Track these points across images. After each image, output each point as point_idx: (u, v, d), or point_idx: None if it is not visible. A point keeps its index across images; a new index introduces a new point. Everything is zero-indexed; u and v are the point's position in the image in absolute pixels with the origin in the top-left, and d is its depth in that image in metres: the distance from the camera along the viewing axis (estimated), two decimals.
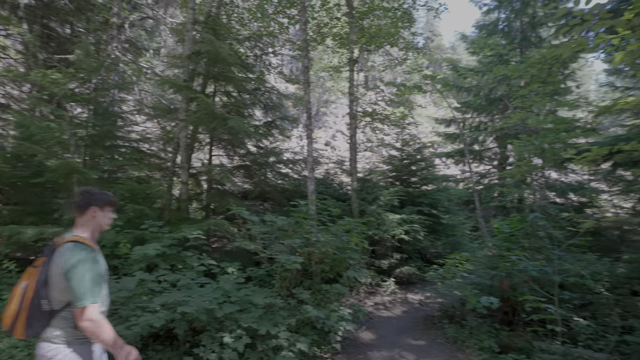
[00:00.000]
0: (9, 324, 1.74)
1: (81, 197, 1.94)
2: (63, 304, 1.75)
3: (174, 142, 6.83)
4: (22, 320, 1.72)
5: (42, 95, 7.76)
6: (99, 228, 1.96)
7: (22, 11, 9.03)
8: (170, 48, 11.24)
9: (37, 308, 1.72)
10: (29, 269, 1.85)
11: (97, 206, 1.93)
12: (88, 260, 1.75)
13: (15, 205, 7.60)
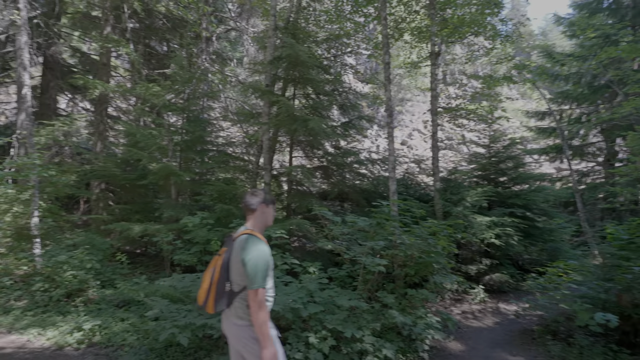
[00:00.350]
0: (203, 301, 2.12)
1: (252, 197, 2.24)
2: (241, 286, 2.06)
3: (257, 145, 7.13)
4: (212, 299, 2.09)
5: (145, 106, 8.70)
6: (266, 223, 2.29)
7: (129, 34, 10.24)
8: (252, 56, 11.86)
9: (222, 289, 2.07)
10: (215, 257, 2.22)
11: (265, 204, 2.24)
12: (262, 251, 2.04)
13: (124, 205, 8.63)
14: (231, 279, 2.08)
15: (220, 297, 2.06)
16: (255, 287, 1.97)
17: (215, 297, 2.07)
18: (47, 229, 6.70)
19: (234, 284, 2.07)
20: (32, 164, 6.11)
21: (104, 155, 9.63)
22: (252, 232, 2.13)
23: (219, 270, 2.08)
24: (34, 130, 8.57)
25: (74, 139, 11.53)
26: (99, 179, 8.80)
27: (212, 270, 2.15)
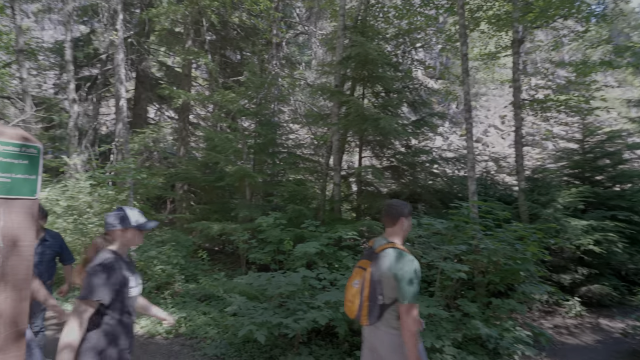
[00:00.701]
0: (355, 314, 2.16)
1: (392, 208, 2.24)
2: (392, 299, 2.09)
3: (327, 145, 7.15)
4: (365, 312, 2.12)
5: (222, 112, 9.24)
6: (406, 235, 2.29)
7: (207, 45, 10.97)
8: (320, 59, 11.98)
9: (374, 302, 2.09)
10: (356, 269, 2.24)
11: (405, 217, 2.22)
12: (414, 267, 2.08)
13: (204, 205, 9.24)
14: (383, 293, 2.10)
15: (373, 311, 2.10)
16: (408, 302, 2.01)
17: (368, 311, 2.11)
18: None
19: (385, 298, 2.09)
20: (127, 167, 6.79)
21: (186, 159, 10.44)
22: (397, 246, 2.16)
23: (369, 285, 2.11)
24: (129, 137, 9.57)
25: (161, 144, 12.70)
26: (182, 181, 9.54)
27: (359, 283, 2.16)
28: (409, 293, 2.00)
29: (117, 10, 8.39)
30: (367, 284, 2.11)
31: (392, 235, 2.22)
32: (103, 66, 12.90)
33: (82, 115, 12.72)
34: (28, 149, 1.67)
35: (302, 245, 4.61)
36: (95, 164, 8.99)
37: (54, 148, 13.63)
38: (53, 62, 15.29)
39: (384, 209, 2.27)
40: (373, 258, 2.16)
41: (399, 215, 2.20)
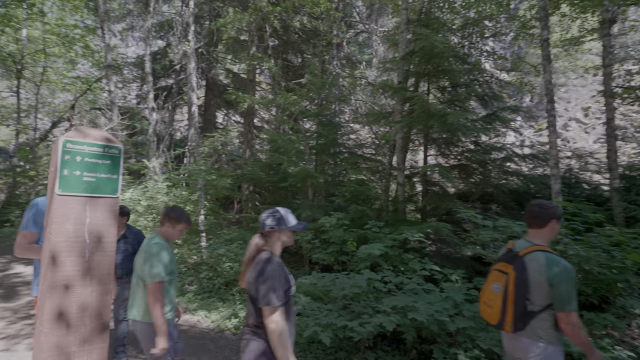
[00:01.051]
0: (498, 321, 2.07)
1: (543, 210, 2.12)
2: (542, 306, 1.99)
3: (390, 144, 6.94)
4: (509, 318, 2.02)
5: (284, 115, 9.45)
6: (553, 238, 2.19)
7: (270, 50, 11.31)
8: (381, 56, 11.75)
9: (521, 308, 2.00)
10: (493, 272, 2.17)
11: (556, 219, 2.12)
12: (571, 272, 1.97)
13: (269, 205, 9.50)
14: (531, 299, 2.00)
15: (519, 317, 2.00)
16: (569, 310, 1.93)
17: (514, 317, 2.01)
18: (210, 225, 7.84)
19: (534, 304, 1.99)
20: (199, 169, 7.20)
21: (251, 161, 10.86)
22: (545, 249, 2.06)
23: (514, 289, 2.01)
24: (200, 141, 10.18)
25: (228, 147, 13.37)
26: (248, 181, 9.92)
27: (500, 288, 2.07)
28: (569, 301, 1.90)
29: (189, 22, 8.98)
30: (512, 289, 2.00)
31: (537, 237, 2.11)
32: (177, 76, 13.92)
33: (159, 122, 13.85)
34: (110, 150, 1.79)
35: (366, 247, 4.49)
36: (171, 166, 9.71)
37: (136, 153, 15.03)
38: (135, 75, 16.91)
39: (530, 210, 2.13)
40: (516, 261, 2.05)
41: (550, 217, 2.08)
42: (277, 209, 2.02)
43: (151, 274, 2.20)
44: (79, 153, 1.72)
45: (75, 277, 1.64)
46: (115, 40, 17.39)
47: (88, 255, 1.64)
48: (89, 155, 1.74)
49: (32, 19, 15.39)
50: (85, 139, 1.71)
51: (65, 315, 1.59)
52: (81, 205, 1.72)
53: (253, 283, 1.84)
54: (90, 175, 1.72)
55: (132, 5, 14.70)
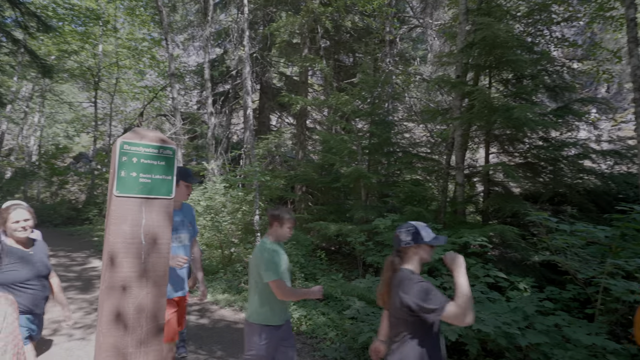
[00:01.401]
0: None
1: None
2: None
3: (448, 142, 6.59)
4: None
5: (336, 115, 9.40)
6: None
7: (321, 51, 11.34)
8: (436, 51, 11.27)
9: None
10: None
11: None
12: None
13: (321, 206, 9.51)
14: None
15: None
16: None
17: None
18: (264, 225, 8.00)
19: None
20: (254, 171, 7.37)
21: (304, 162, 10.96)
22: None
23: None
24: (255, 144, 10.46)
25: (282, 149, 13.64)
26: (300, 182, 10.01)
27: None
28: None
29: (244, 28, 9.27)
30: None
31: None
32: (233, 81, 14.49)
33: (217, 126, 14.50)
34: (165, 151, 1.82)
35: None
36: (228, 168, 10.09)
37: (197, 155, 15.88)
38: (195, 82, 17.90)
39: None
40: None
41: None
42: (412, 223, 1.89)
43: (267, 277, 2.29)
44: (135, 154, 1.76)
45: (132, 278, 1.69)
46: (178, 50, 18.55)
47: (144, 257, 1.68)
48: (144, 156, 1.77)
49: (107, 35, 16.91)
50: (141, 140, 1.76)
51: (122, 316, 1.64)
52: (137, 207, 1.76)
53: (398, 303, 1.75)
54: (145, 177, 1.76)
55: (193, 16, 15.55)
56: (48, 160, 17.82)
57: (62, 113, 26.18)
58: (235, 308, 5.08)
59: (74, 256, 8.47)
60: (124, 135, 1.77)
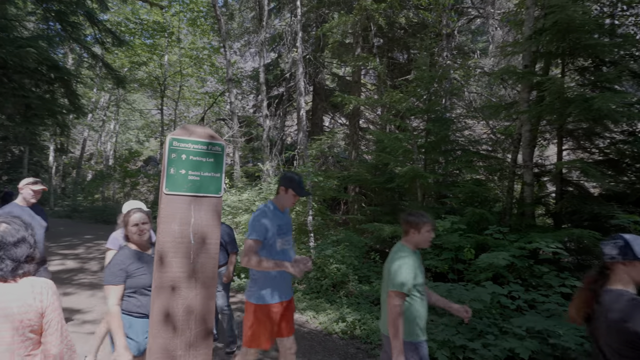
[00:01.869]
0: None
1: None
2: None
3: (514, 138, 6.08)
4: None
5: (390, 113, 9.13)
6: None
7: (375, 49, 11.12)
8: (498, 42, 10.53)
9: None
10: None
11: None
12: None
13: (375, 207, 9.29)
14: None
15: None
16: None
17: None
18: (317, 226, 7.99)
19: None
20: (307, 171, 7.39)
21: (357, 162, 10.81)
22: None
23: None
24: (308, 144, 10.52)
25: (335, 149, 13.60)
26: (353, 183, 9.87)
27: None
28: None
29: (297, 30, 9.37)
30: None
31: None
32: (287, 83, 14.75)
33: (272, 129, 14.85)
34: (214, 147, 1.78)
35: (488, 255, 3.94)
36: (282, 169, 10.25)
37: (252, 157, 16.39)
38: (251, 87, 18.53)
39: None
40: None
41: None
42: (621, 235, 1.62)
43: (394, 283, 2.11)
44: (184, 151, 1.72)
45: (181, 278, 1.66)
46: (235, 56, 19.34)
47: (193, 257, 1.66)
48: (193, 153, 1.72)
49: (172, 45, 18.11)
50: (190, 137, 1.72)
51: (171, 318, 1.62)
52: (186, 205, 1.72)
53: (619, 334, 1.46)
54: (194, 174, 1.71)
55: (249, 22, 16.10)
56: (122, 163, 19.46)
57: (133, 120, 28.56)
58: None
59: None
60: (173, 132, 1.75)
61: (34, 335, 1.29)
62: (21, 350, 1.25)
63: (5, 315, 1.23)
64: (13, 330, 1.24)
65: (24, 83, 9.94)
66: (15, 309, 1.25)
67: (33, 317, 1.27)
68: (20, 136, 13.22)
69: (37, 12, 12.06)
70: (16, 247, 1.32)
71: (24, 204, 3.47)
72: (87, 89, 22.01)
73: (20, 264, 1.32)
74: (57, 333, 1.32)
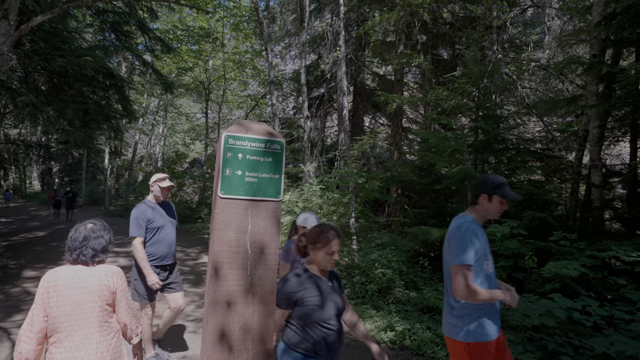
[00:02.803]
0: None
1: None
2: None
3: (579, 136, 5.55)
4: None
5: (435, 112, 8.74)
6: None
7: (419, 45, 10.74)
8: (554, 33, 9.77)
9: None
10: None
11: None
12: None
13: (420, 209, 8.93)
14: None
15: None
16: None
17: None
18: (360, 228, 7.78)
19: None
20: (351, 172, 7.21)
21: (399, 163, 10.47)
22: None
23: None
24: (350, 145, 10.33)
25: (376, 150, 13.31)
26: (397, 184, 9.55)
27: None
28: None
29: (340, 29, 9.23)
30: None
31: None
32: (327, 84, 14.67)
33: (312, 130, 14.83)
34: (272, 145, 1.63)
35: (555, 264, 3.56)
36: (323, 170, 10.14)
37: (293, 158, 16.46)
38: (292, 89, 18.68)
39: None
40: None
41: None
42: None
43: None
44: (241, 150, 1.56)
45: (237, 293, 1.50)
46: (276, 59, 19.58)
47: (250, 269, 1.50)
48: (250, 152, 1.56)
49: (216, 50, 18.65)
50: (247, 133, 1.57)
51: (227, 337, 1.48)
52: (243, 210, 1.56)
53: None
54: (251, 175, 1.55)
55: (290, 24, 16.21)
56: (169, 165, 20.32)
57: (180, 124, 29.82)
58: None
59: (188, 251, 9.35)
60: (229, 128, 1.61)
61: (109, 307, 1.74)
62: (101, 317, 1.71)
63: (88, 292, 1.69)
64: (94, 302, 1.69)
65: (82, 90, 10.60)
66: (95, 287, 1.70)
67: (107, 294, 1.72)
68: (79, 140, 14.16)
69: (94, 23, 12.87)
70: (96, 240, 1.76)
71: (154, 201, 3.34)
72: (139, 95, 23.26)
73: (97, 253, 1.76)
74: (125, 307, 1.77)
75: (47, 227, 12.76)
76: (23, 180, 32.63)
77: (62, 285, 1.67)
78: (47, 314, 1.64)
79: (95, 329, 1.69)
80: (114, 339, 1.75)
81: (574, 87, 10.10)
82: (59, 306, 1.63)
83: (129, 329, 1.76)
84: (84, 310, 1.67)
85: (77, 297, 1.67)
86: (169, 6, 15.24)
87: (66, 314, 1.64)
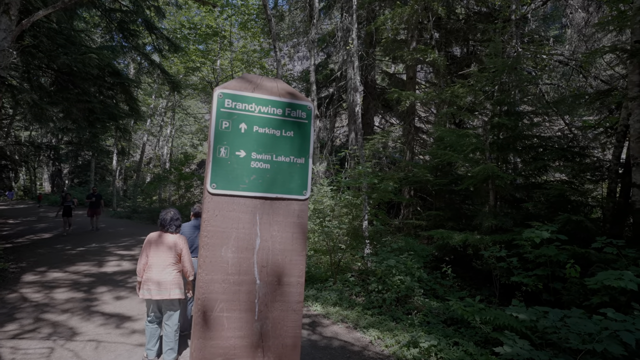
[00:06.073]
0: None
1: None
2: None
3: (617, 131, 5.08)
4: None
5: (450, 110, 8.31)
6: None
7: (433, 41, 10.31)
8: (578, 26, 9.27)
9: None
10: None
11: None
12: None
13: (436, 211, 8.48)
14: None
15: None
16: None
17: None
18: (375, 231, 7.36)
19: None
20: (365, 172, 6.81)
21: (413, 163, 10.03)
22: None
23: None
24: (362, 144, 9.92)
25: (388, 149, 12.88)
26: (410, 184, 9.12)
27: None
28: None
29: (353, 21, 8.86)
30: None
31: None
32: (337, 83, 14.29)
33: (322, 130, 14.46)
34: (295, 111, 1.04)
35: (606, 274, 3.12)
36: (333, 170, 9.74)
37: None
38: (301, 89, 18.33)
39: None
40: None
41: None
42: None
43: None
44: (245, 117, 0.91)
45: (238, 349, 0.87)
46: (284, 60, 19.27)
47: (259, 309, 0.85)
48: (260, 121, 0.92)
49: (224, 49, 18.40)
50: (254, 93, 0.93)
51: None
52: (248, 215, 0.93)
53: None
54: (262, 159, 0.92)
55: (298, 23, 15.90)
56: (177, 166, 20.09)
57: (188, 125, 29.67)
58: (349, 325, 4.53)
59: None
60: (224, 83, 0.98)
61: (177, 256, 3.20)
62: (172, 260, 3.18)
63: (169, 247, 3.16)
64: (170, 251, 3.17)
65: (88, 90, 10.37)
66: (172, 244, 3.18)
67: (177, 249, 3.20)
68: (84, 140, 13.97)
69: (101, 23, 12.67)
70: (176, 221, 3.29)
71: None
72: (147, 96, 23.12)
73: (176, 228, 3.29)
74: (187, 259, 3.23)
75: (53, 230, 12.54)
76: (33, 182, 32.80)
77: (154, 241, 3.18)
78: (146, 254, 3.14)
79: (170, 265, 3.12)
80: (179, 273, 3.20)
81: (597, 82, 9.58)
82: (153, 250, 3.14)
83: (188, 271, 3.24)
84: (165, 255, 3.13)
85: (162, 247, 3.15)
86: (175, 3, 15.02)
87: (156, 256, 3.12)
